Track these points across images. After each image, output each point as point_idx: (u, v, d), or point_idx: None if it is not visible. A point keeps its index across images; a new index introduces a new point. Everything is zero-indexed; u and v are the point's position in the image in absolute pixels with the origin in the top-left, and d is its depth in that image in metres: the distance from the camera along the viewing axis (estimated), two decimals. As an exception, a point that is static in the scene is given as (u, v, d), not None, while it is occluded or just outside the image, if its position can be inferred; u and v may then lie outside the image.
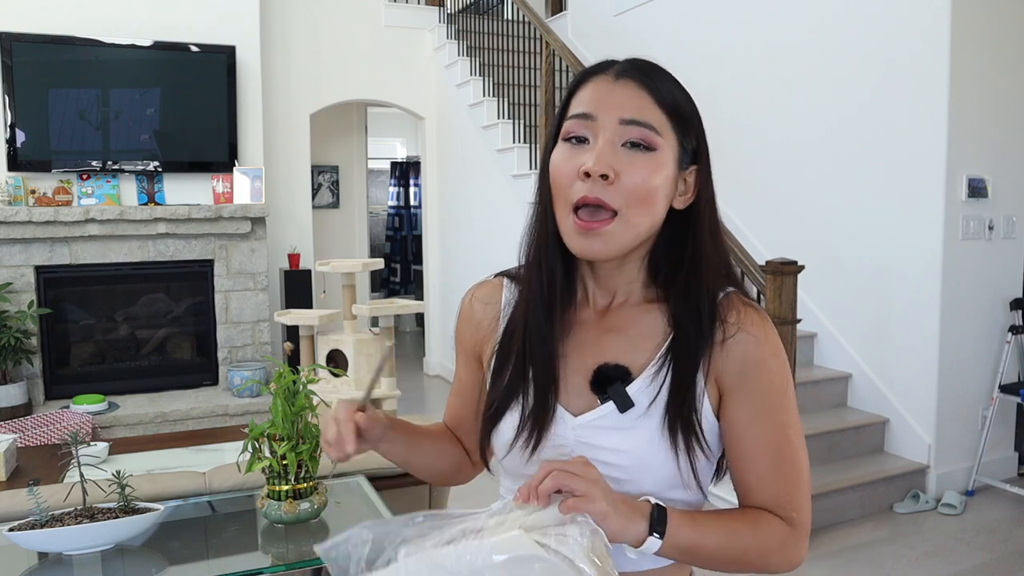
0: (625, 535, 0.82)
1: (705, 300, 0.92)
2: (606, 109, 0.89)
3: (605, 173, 0.86)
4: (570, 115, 0.91)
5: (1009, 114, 3.66)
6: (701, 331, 0.91)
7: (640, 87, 0.89)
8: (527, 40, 5.47)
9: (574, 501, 0.79)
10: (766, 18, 4.36)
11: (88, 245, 4.84)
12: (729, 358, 0.92)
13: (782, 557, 0.90)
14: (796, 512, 0.91)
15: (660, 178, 0.88)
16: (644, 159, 0.88)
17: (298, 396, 1.67)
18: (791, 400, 0.94)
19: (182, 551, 1.68)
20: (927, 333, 3.61)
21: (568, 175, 0.89)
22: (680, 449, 0.90)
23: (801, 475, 0.93)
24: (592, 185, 0.87)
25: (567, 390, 0.95)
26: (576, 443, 0.93)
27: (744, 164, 4.47)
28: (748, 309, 0.94)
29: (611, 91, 0.90)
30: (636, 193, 0.87)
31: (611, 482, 0.90)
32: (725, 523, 0.89)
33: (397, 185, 9.67)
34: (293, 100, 5.75)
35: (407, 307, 4.48)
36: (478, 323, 1.06)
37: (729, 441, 0.94)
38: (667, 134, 0.89)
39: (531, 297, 0.97)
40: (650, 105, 0.89)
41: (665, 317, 0.94)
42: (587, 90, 0.91)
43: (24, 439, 3.71)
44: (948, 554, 3.10)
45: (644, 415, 0.91)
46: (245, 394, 4.95)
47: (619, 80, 0.90)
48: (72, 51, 4.77)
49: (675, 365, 0.91)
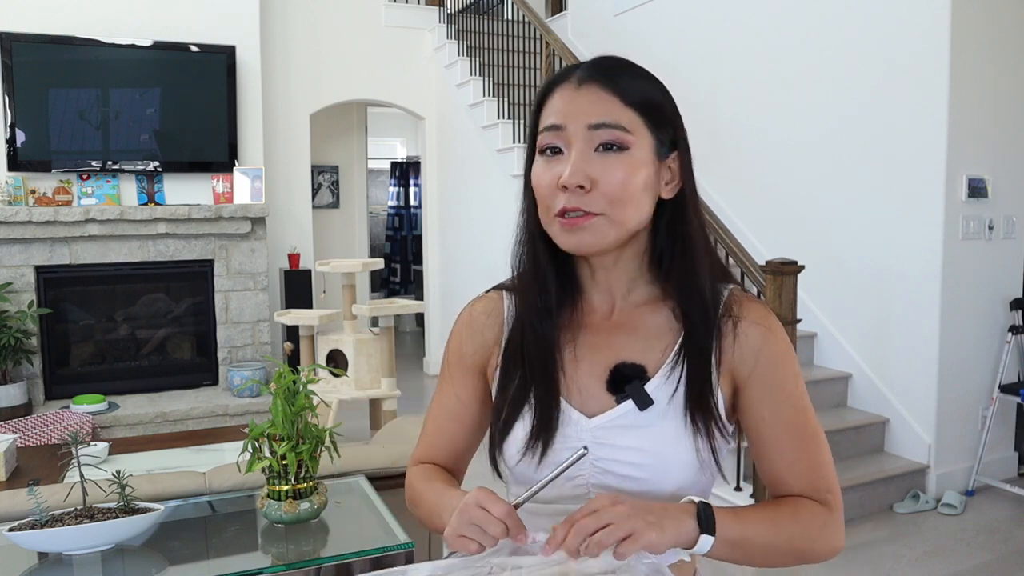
0: (679, 541, 0.82)
1: (706, 285, 0.93)
2: (573, 117, 0.89)
3: (581, 184, 0.87)
4: (541, 128, 0.92)
5: (1009, 114, 3.66)
6: (708, 321, 0.92)
7: (603, 89, 0.89)
8: (527, 40, 5.48)
9: (623, 547, 0.77)
10: (766, 18, 4.36)
11: (88, 245, 4.84)
12: (742, 350, 0.93)
13: (825, 541, 0.90)
14: (830, 494, 0.92)
15: (639, 177, 0.89)
16: (619, 160, 0.88)
17: (298, 396, 1.67)
18: (804, 385, 0.95)
19: (182, 551, 1.68)
20: (927, 333, 3.61)
21: (548, 187, 0.90)
22: (701, 436, 0.90)
23: (828, 457, 0.94)
24: (571, 196, 0.88)
25: (580, 393, 0.94)
26: (593, 444, 0.92)
27: (744, 164, 4.47)
28: (752, 302, 0.95)
29: (575, 98, 0.90)
30: (615, 196, 0.88)
31: (631, 482, 0.91)
32: (767, 513, 0.90)
33: (397, 185, 9.67)
34: (293, 100, 5.75)
35: (407, 307, 4.48)
36: (481, 334, 1.04)
37: (755, 433, 0.94)
38: (639, 130, 0.89)
39: (529, 305, 0.97)
40: (617, 106, 0.89)
41: (673, 314, 0.95)
42: (553, 100, 0.92)
43: (24, 439, 3.71)
44: (948, 554, 3.10)
45: (663, 412, 0.91)
46: (245, 394, 4.96)
47: (582, 86, 0.90)
48: (72, 51, 4.77)
49: (690, 360, 0.92)
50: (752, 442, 0.95)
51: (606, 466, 0.92)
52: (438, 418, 1.07)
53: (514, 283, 1.02)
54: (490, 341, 1.03)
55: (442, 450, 1.06)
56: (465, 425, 1.06)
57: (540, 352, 0.95)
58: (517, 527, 0.83)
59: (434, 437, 1.07)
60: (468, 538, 0.83)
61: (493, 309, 1.05)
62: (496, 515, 0.82)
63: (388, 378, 4.13)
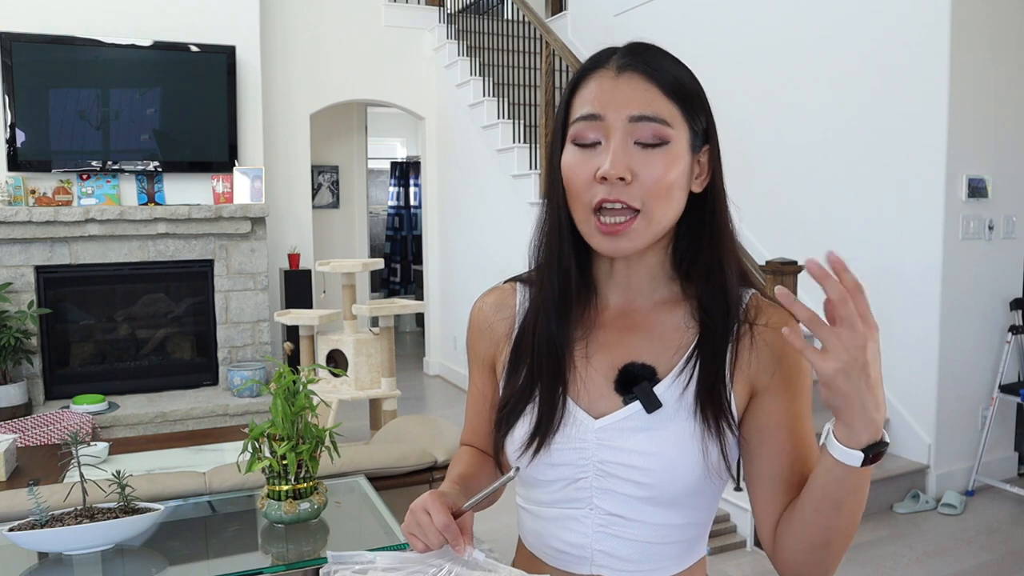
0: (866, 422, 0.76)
1: (732, 283, 0.91)
2: (613, 107, 0.86)
3: (622, 176, 0.84)
4: (576, 116, 0.88)
5: (1009, 114, 3.66)
6: (728, 321, 0.90)
7: (645, 78, 0.86)
8: (527, 40, 5.47)
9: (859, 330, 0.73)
10: (766, 18, 4.36)
11: (88, 245, 4.84)
12: (762, 356, 0.90)
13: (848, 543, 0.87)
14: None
15: (676, 170, 0.87)
16: (659, 154, 0.85)
17: (298, 396, 1.67)
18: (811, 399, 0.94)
19: (182, 551, 1.68)
20: (927, 333, 3.61)
21: (584, 179, 0.87)
22: (711, 439, 0.87)
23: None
24: (611, 188, 0.85)
25: (587, 392, 0.92)
26: (598, 446, 0.90)
27: (744, 164, 4.47)
28: (773, 308, 0.92)
29: (615, 87, 0.87)
30: (655, 189, 0.86)
31: (636, 486, 0.89)
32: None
33: (397, 185, 9.68)
34: (293, 100, 5.75)
35: (407, 307, 4.48)
36: (491, 329, 1.03)
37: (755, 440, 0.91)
38: (677, 123, 0.87)
39: (545, 298, 0.95)
40: (658, 96, 0.86)
41: (690, 314, 0.93)
42: (590, 87, 0.88)
43: (24, 439, 3.71)
44: (948, 554, 3.10)
45: (671, 415, 0.89)
46: (245, 394, 4.96)
47: (622, 74, 0.87)
48: (72, 51, 4.77)
49: (703, 360, 0.89)
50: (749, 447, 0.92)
51: (610, 469, 0.90)
52: (470, 407, 1.09)
53: (531, 275, 0.99)
54: (499, 335, 1.01)
55: (475, 437, 1.08)
56: (485, 418, 1.06)
57: (550, 349, 0.93)
58: (455, 538, 0.85)
59: (469, 424, 1.09)
60: (415, 536, 0.86)
61: (504, 302, 1.03)
62: (436, 524, 0.85)
63: (388, 378, 4.13)
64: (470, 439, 1.09)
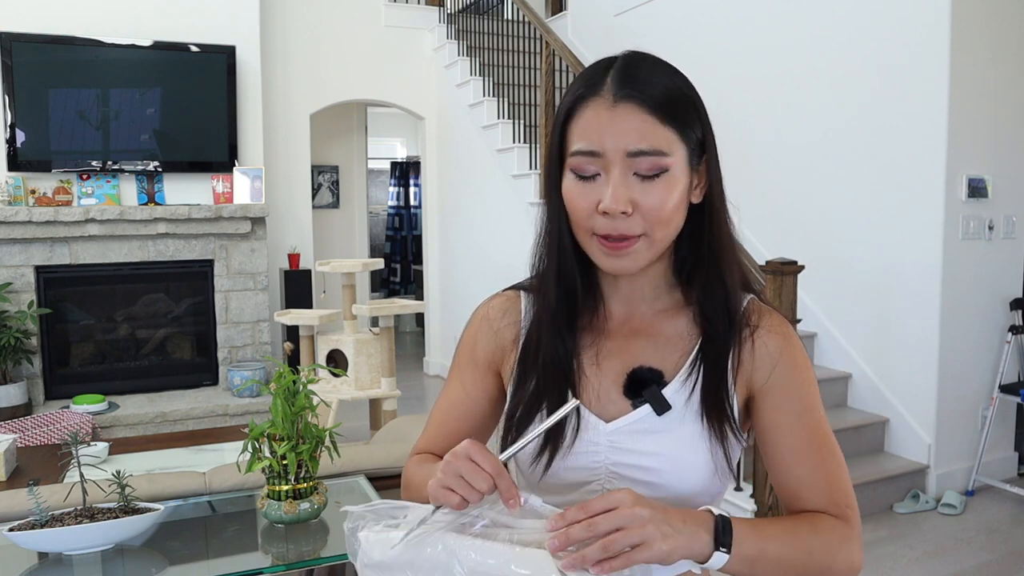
0: (691, 555, 0.78)
1: (733, 287, 0.93)
2: (611, 140, 0.85)
3: (624, 210, 0.85)
4: (574, 150, 0.87)
5: (1009, 114, 3.66)
6: (730, 327, 0.92)
7: (641, 108, 0.85)
8: (527, 40, 5.47)
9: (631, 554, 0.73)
10: (766, 18, 4.36)
11: (88, 245, 4.84)
12: (759, 359, 0.92)
13: (844, 558, 0.87)
14: (849, 508, 0.90)
15: (676, 195, 0.87)
16: (658, 183, 0.86)
17: (298, 396, 1.67)
18: (820, 398, 0.94)
19: (182, 551, 1.68)
20: (927, 333, 3.61)
21: (586, 208, 0.87)
22: (716, 441, 0.90)
23: (845, 470, 0.92)
24: (612, 221, 0.86)
25: (598, 398, 0.94)
26: (609, 449, 0.92)
27: (744, 164, 4.47)
28: (770, 312, 0.95)
29: (612, 119, 0.85)
30: (656, 216, 0.86)
31: (647, 487, 0.89)
32: (786, 526, 0.87)
33: (397, 185, 9.68)
34: (293, 100, 5.75)
35: (407, 307, 4.48)
36: (499, 334, 1.02)
37: (771, 445, 0.93)
38: (675, 147, 0.86)
39: (549, 308, 0.96)
40: (655, 127, 0.85)
41: (692, 319, 0.95)
42: (586, 118, 0.87)
43: (24, 439, 3.71)
44: (948, 554, 3.10)
45: (680, 417, 0.91)
46: (245, 394, 4.96)
47: (618, 104, 0.85)
48: (72, 51, 4.77)
49: (706, 364, 0.92)
50: (767, 454, 0.94)
51: (622, 471, 0.91)
52: (443, 411, 1.05)
53: (532, 284, 1.00)
54: (507, 342, 1.02)
55: (443, 443, 1.02)
56: (469, 420, 1.03)
57: (557, 358, 0.94)
58: (508, 486, 0.79)
59: (437, 430, 1.04)
60: (452, 490, 0.79)
61: (510, 308, 1.03)
62: (486, 469, 0.79)
63: (388, 378, 4.13)
64: (426, 448, 1.04)
